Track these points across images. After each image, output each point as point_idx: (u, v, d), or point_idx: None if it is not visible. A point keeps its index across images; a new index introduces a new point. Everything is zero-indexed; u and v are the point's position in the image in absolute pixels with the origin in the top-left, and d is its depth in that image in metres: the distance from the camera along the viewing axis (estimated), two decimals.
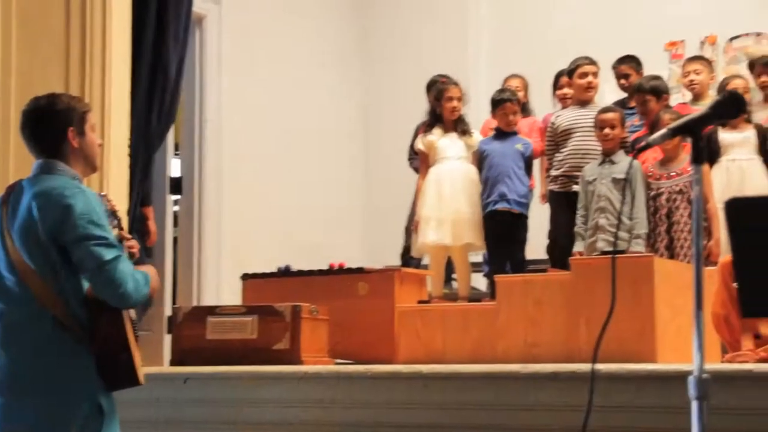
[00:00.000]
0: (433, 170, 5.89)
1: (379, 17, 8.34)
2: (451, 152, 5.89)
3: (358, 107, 8.31)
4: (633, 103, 6.07)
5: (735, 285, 2.24)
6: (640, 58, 6.42)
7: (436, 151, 5.90)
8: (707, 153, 5.45)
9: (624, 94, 6.35)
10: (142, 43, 5.43)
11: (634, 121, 5.94)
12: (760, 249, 2.00)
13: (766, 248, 1.99)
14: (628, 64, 6.38)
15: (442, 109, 5.95)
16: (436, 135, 5.94)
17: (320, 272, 5.39)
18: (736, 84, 5.70)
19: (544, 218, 6.07)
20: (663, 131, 2.44)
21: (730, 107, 2.42)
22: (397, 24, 8.26)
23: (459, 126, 5.96)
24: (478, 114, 6.64)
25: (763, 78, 5.86)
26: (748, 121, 5.60)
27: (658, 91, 5.80)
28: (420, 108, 6.31)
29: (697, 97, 6.16)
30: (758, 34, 7.20)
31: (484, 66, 7.92)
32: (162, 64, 5.58)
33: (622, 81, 6.36)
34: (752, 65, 6.03)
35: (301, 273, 5.46)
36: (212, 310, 5.03)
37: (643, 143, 2.52)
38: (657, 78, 5.99)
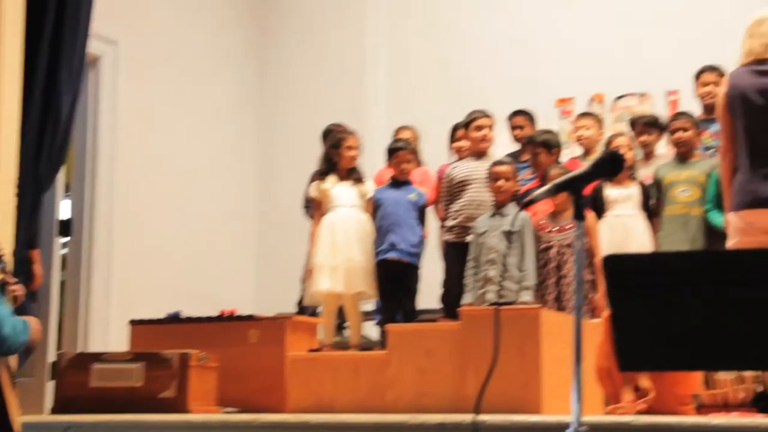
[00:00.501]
0: (326, 218, 5.90)
1: (276, 65, 8.37)
2: (345, 200, 5.92)
3: (253, 153, 8.28)
4: (526, 156, 6.20)
5: None
6: (533, 112, 6.60)
7: (330, 198, 5.92)
8: (594, 208, 5.62)
9: (518, 146, 6.49)
10: (33, 82, 5.32)
11: (527, 174, 6.07)
12: (637, 304, 2.06)
13: (642, 304, 2.05)
14: (521, 116, 6.55)
15: (339, 157, 5.99)
16: (330, 183, 5.96)
17: (210, 319, 5.34)
18: (619, 142, 5.86)
19: (440, 267, 6.13)
20: (546, 187, 2.52)
21: (609, 166, 2.51)
22: (293, 72, 8.29)
23: (353, 174, 6.00)
24: (374, 163, 6.70)
25: (644, 137, 6.04)
26: (632, 177, 5.77)
27: (549, 144, 5.95)
28: (316, 155, 6.33)
29: (587, 152, 6.35)
30: (642, 95, 7.46)
31: (381, 115, 8.00)
32: (54, 103, 5.48)
33: (516, 132, 6.51)
34: (633, 124, 6.23)
35: (190, 320, 5.39)
36: (97, 357, 4.92)
37: (527, 198, 2.59)
38: (548, 132, 6.15)
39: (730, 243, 4.51)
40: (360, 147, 6.04)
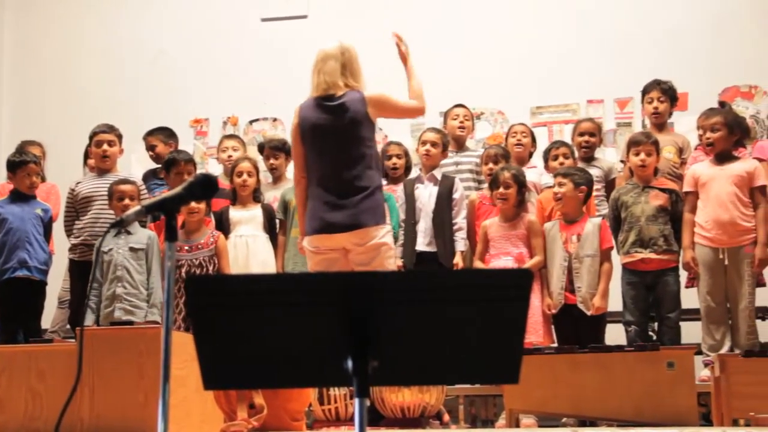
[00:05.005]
0: None
1: None
2: None
3: None
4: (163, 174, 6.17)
5: None
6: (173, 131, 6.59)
7: None
8: (218, 228, 5.69)
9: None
10: None
11: (164, 191, 6.01)
12: (216, 324, 2.11)
13: (221, 324, 2.10)
14: (156, 135, 6.50)
15: None
16: None
17: None
18: (243, 167, 5.89)
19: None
20: (137, 208, 2.51)
21: (201, 189, 2.55)
22: None
23: None
24: None
25: (271, 161, 6.19)
26: (257, 200, 5.90)
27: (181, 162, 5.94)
28: None
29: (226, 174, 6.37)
30: (275, 119, 7.67)
31: (5, 129, 7.69)
32: None
33: (150, 153, 6.45)
34: (261, 148, 6.38)
35: None
36: None
37: (118, 219, 2.57)
38: (181, 152, 6.16)
39: (309, 265, 4.72)
40: None
